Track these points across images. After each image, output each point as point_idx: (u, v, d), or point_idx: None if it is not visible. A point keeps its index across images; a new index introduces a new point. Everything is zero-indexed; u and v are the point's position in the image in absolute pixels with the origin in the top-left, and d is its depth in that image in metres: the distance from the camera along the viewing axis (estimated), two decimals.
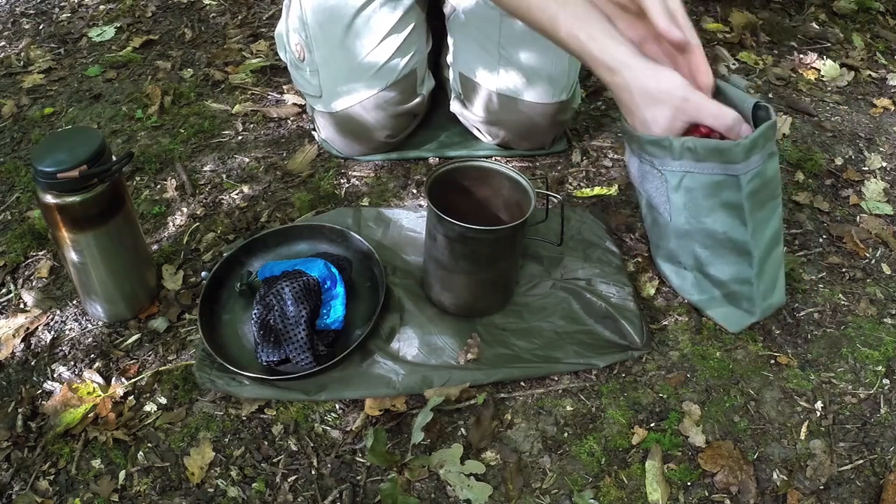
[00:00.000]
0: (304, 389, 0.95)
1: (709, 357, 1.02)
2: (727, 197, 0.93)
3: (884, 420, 0.96)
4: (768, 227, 0.97)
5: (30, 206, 1.24)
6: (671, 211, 0.98)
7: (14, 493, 0.87)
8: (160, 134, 1.40)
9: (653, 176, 0.97)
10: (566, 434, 0.93)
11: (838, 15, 1.87)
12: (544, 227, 1.08)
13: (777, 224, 0.98)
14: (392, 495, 0.85)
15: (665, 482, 0.89)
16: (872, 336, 1.06)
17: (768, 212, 0.96)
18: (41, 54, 1.64)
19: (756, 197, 0.93)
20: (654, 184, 0.98)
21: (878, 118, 1.52)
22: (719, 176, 0.91)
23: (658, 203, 0.99)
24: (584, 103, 1.50)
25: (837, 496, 0.88)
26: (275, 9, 1.79)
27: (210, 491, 0.87)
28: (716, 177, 0.91)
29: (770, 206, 0.96)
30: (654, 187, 0.98)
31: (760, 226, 0.96)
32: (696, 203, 0.95)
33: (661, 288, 1.11)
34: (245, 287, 1.05)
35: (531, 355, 1.00)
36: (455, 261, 0.97)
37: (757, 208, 0.94)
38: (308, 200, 1.24)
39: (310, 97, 1.29)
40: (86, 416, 0.93)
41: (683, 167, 0.93)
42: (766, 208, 0.95)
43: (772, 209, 0.96)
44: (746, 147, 0.88)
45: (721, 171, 0.91)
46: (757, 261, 0.97)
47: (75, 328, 1.05)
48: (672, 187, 0.95)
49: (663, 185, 0.96)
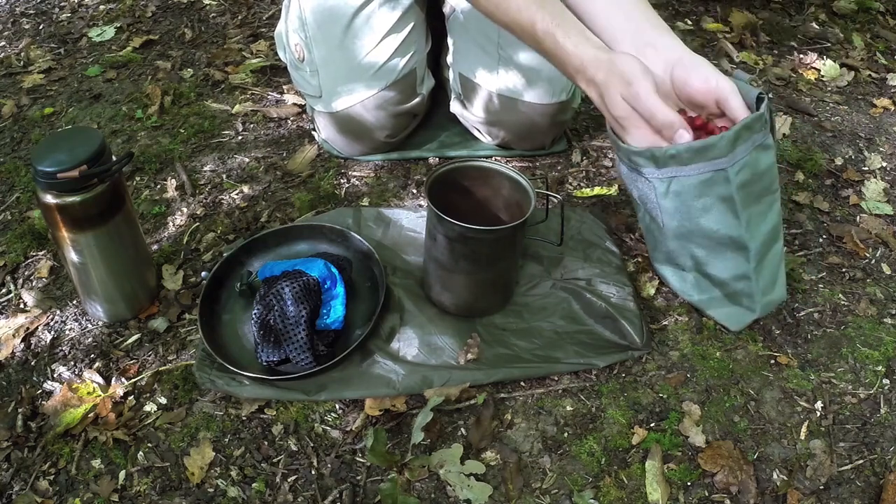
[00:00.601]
0: (304, 389, 0.95)
1: (709, 357, 1.02)
2: (718, 192, 0.92)
3: (884, 420, 0.96)
4: (764, 222, 0.96)
5: (30, 206, 1.24)
6: (663, 216, 0.98)
7: (14, 493, 0.87)
8: (160, 134, 1.40)
9: (641, 183, 0.96)
10: (566, 434, 0.93)
11: (838, 15, 1.87)
12: (544, 227, 1.08)
13: (775, 219, 0.98)
14: (392, 495, 0.85)
15: (665, 482, 0.89)
16: (872, 336, 1.06)
17: (764, 206, 0.95)
18: (41, 54, 1.64)
19: (747, 189, 0.92)
20: (643, 191, 0.97)
21: (878, 118, 1.52)
22: (707, 174, 0.90)
23: (650, 208, 0.99)
24: (584, 103, 1.50)
25: (837, 496, 0.88)
26: (275, 9, 1.79)
27: (210, 491, 0.87)
28: (703, 175, 0.91)
29: (766, 201, 0.95)
30: (645, 194, 0.98)
31: (756, 219, 0.95)
32: (687, 205, 0.95)
33: (661, 288, 1.11)
34: (245, 287, 1.05)
35: (531, 355, 1.00)
36: (455, 261, 0.97)
37: (750, 201, 0.93)
38: (308, 200, 1.24)
39: (309, 97, 1.29)
40: (86, 416, 0.93)
41: (669, 173, 0.92)
42: (761, 202, 0.94)
43: (768, 203, 0.96)
44: (730, 139, 0.88)
45: (708, 168, 0.90)
46: (754, 255, 0.96)
47: (75, 328, 1.05)
48: (661, 194, 0.95)
49: (652, 192, 0.96)
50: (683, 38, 1.71)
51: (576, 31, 0.90)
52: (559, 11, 0.91)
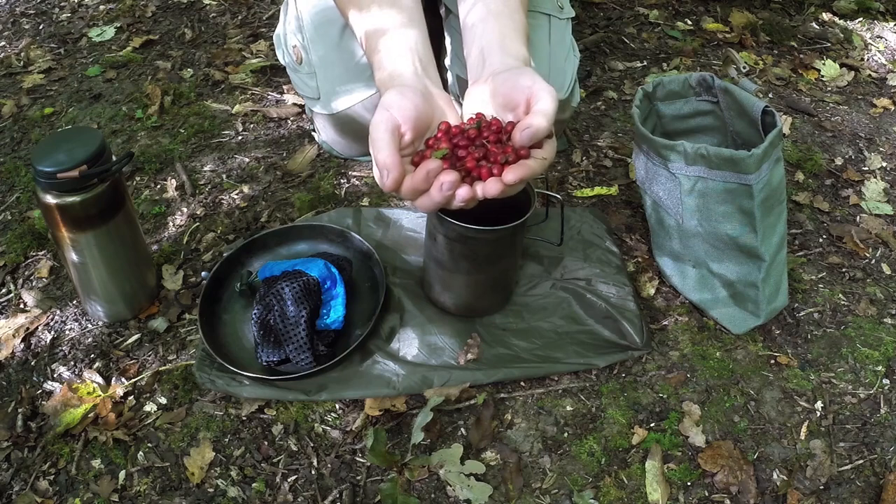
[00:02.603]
0: (304, 389, 0.95)
1: (709, 357, 1.02)
2: (740, 204, 0.94)
3: (884, 420, 0.96)
4: (775, 233, 0.98)
5: (30, 206, 1.24)
6: (683, 213, 0.99)
7: (14, 493, 0.87)
8: (160, 134, 1.40)
9: (664, 178, 0.97)
10: (566, 434, 0.93)
11: (838, 15, 1.87)
12: (544, 227, 1.08)
13: (783, 229, 1.00)
14: (392, 495, 0.85)
15: (665, 482, 0.89)
16: (872, 336, 1.06)
17: (775, 217, 0.97)
18: (41, 54, 1.64)
19: (765, 204, 0.94)
20: (664, 185, 0.98)
21: (878, 118, 1.52)
22: (733, 184, 0.93)
23: (668, 205, 1.00)
24: (585, 103, 1.50)
25: (837, 496, 0.88)
26: (275, 9, 1.79)
27: (210, 491, 0.87)
28: (730, 184, 0.93)
29: (777, 211, 0.97)
30: (665, 189, 0.99)
31: (769, 231, 0.97)
32: (709, 208, 0.96)
33: (661, 288, 1.11)
34: (245, 287, 1.05)
35: (531, 355, 1.00)
36: (455, 261, 0.97)
37: (766, 215, 0.95)
38: (308, 200, 1.24)
39: (308, 99, 1.29)
40: (86, 416, 0.93)
41: (697, 172, 0.94)
42: (773, 214, 0.97)
43: (778, 214, 0.98)
44: (759, 157, 0.90)
45: (735, 179, 0.92)
46: (766, 266, 0.98)
47: (75, 328, 1.05)
48: (685, 190, 0.96)
49: (676, 188, 0.97)
50: (683, 37, 1.73)
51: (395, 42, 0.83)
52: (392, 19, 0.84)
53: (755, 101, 0.97)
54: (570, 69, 1.24)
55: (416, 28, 0.86)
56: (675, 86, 1.10)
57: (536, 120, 0.69)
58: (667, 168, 0.97)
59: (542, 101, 0.70)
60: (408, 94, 0.75)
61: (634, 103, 1.06)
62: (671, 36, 1.74)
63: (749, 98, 0.98)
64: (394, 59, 0.81)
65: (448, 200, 0.70)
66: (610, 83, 1.57)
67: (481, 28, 0.85)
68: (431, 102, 0.77)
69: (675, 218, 1.01)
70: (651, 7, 1.85)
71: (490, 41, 0.83)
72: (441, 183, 0.68)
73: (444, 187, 0.68)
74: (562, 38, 1.19)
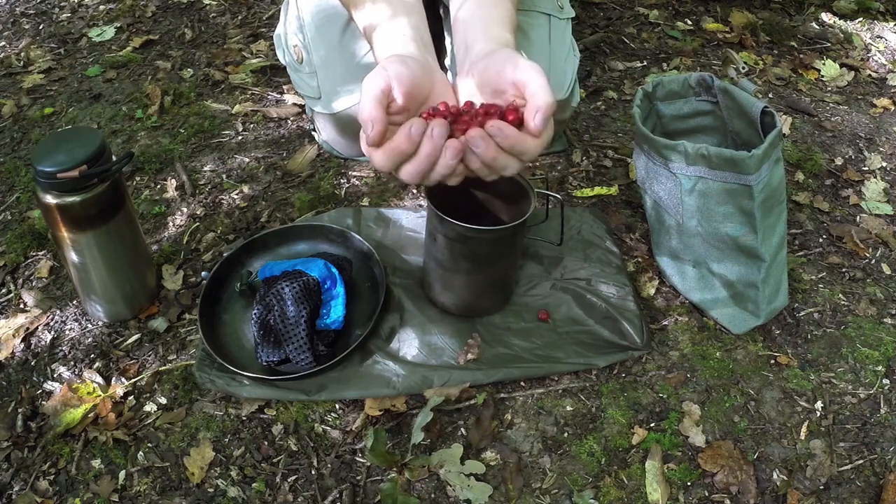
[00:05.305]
0: (304, 389, 0.95)
1: (709, 357, 1.02)
2: (740, 204, 0.94)
3: (884, 420, 0.96)
4: (775, 234, 0.98)
5: (30, 206, 1.24)
6: (683, 213, 0.99)
7: (14, 493, 0.87)
8: (160, 134, 1.40)
9: (664, 177, 0.97)
10: (566, 434, 0.93)
11: (838, 15, 1.87)
12: (544, 227, 1.08)
13: (783, 229, 1.00)
14: (392, 495, 0.85)
15: (665, 482, 0.89)
16: (872, 336, 1.06)
17: (775, 217, 0.97)
18: (41, 54, 1.64)
19: (765, 204, 0.94)
20: (665, 185, 0.98)
21: (878, 118, 1.52)
22: (733, 184, 0.92)
23: (668, 204, 1.00)
24: (585, 103, 1.50)
25: (837, 496, 0.88)
26: (275, 9, 1.79)
27: (210, 491, 0.87)
28: (729, 185, 0.93)
29: (776, 212, 0.97)
30: (665, 189, 0.99)
31: (769, 231, 0.97)
32: (709, 208, 0.96)
33: (661, 288, 1.11)
34: (245, 287, 1.05)
35: (531, 355, 1.00)
36: (455, 261, 0.97)
37: (766, 215, 0.95)
38: (308, 200, 1.24)
39: (309, 99, 1.29)
40: (86, 416, 0.93)
41: (697, 172, 0.94)
42: (773, 214, 0.97)
43: (778, 214, 0.98)
44: (759, 158, 0.90)
45: (735, 180, 0.92)
46: (766, 266, 0.98)
47: (75, 328, 1.05)
48: (686, 190, 0.96)
49: (676, 188, 0.97)
50: (683, 37, 1.73)
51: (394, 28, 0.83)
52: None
53: (754, 102, 0.97)
54: (570, 69, 1.24)
55: (417, 16, 0.86)
56: (675, 86, 1.10)
57: (539, 100, 0.67)
58: (667, 168, 0.97)
59: (533, 82, 0.69)
60: (409, 62, 0.74)
61: (635, 103, 1.06)
62: (671, 36, 1.74)
63: (748, 98, 0.98)
64: (396, 42, 0.81)
65: (436, 153, 0.67)
66: (610, 83, 1.57)
67: (466, 17, 0.86)
68: (431, 76, 0.76)
69: (676, 218, 1.01)
70: (651, 7, 1.85)
71: (474, 29, 0.83)
72: (431, 128, 0.66)
73: (435, 133, 0.66)
74: (562, 38, 1.19)
